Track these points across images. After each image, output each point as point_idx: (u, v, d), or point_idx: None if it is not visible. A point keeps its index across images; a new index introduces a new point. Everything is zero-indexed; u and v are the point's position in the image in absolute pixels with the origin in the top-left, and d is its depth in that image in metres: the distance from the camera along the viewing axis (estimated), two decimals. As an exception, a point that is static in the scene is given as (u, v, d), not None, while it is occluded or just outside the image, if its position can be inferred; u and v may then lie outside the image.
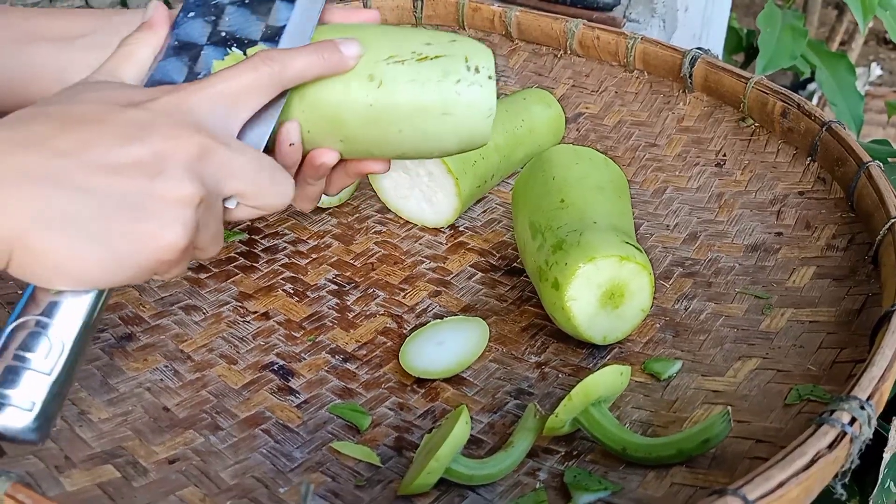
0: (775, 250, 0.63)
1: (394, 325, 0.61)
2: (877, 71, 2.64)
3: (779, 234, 0.64)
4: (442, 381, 0.55)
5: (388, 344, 0.59)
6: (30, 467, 0.45)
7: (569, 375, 0.55)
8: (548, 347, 0.58)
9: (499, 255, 0.68)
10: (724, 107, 0.76)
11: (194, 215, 0.41)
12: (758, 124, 0.73)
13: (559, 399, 0.48)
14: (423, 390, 0.55)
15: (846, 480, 0.40)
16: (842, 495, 0.40)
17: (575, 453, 0.49)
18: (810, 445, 0.39)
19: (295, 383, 0.55)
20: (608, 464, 0.47)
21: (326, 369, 0.57)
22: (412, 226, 0.72)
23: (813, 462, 0.38)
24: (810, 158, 0.68)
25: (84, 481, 0.45)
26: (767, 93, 0.71)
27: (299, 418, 0.52)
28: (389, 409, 0.53)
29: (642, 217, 0.70)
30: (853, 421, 0.40)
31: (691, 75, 0.78)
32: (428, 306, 0.63)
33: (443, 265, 0.67)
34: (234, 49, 0.49)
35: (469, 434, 0.47)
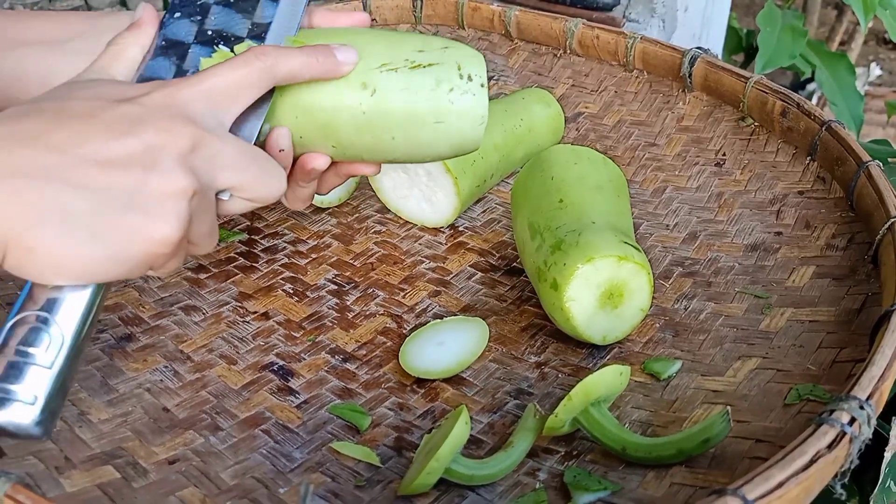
0: (775, 250, 0.63)
1: (393, 325, 0.61)
2: (877, 71, 2.64)
3: (778, 233, 0.64)
4: (442, 381, 0.55)
5: (387, 344, 0.59)
6: (30, 468, 0.45)
7: (568, 375, 0.55)
8: (547, 347, 0.58)
9: (498, 255, 0.68)
10: (724, 106, 0.76)
11: (188, 208, 0.41)
12: (757, 124, 0.73)
13: (559, 399, 0.48)
14: (423, 390, 0.55)
15: (846, 480, 0.40)
16: (841, 495, 0.40)
17: (575, 453, 0.49)
18: (810, 445, 0.39)
19: (295, 383, 0.55)
20: (608, 464, 0.47)
21: (326, 369, 0.57)
22: (412, 226, 0.72)
23: (812, 462, 0.38)
24: (810, 158, 0.68)
25: (84, 482, 0.45)
26: (767, 92, 0.71)
27: (299, 418, 0.52)
28: (389, 409, 0.53)
29: (642, 217, 0.70)
30: (853, 421, 0.40)
31: (691, 75, 0.78)
32: (428, 306, 0.63)
33: (442, 265, 0.67)
34: (222, 46, 0.49)
35: (469, 434, 0.47)
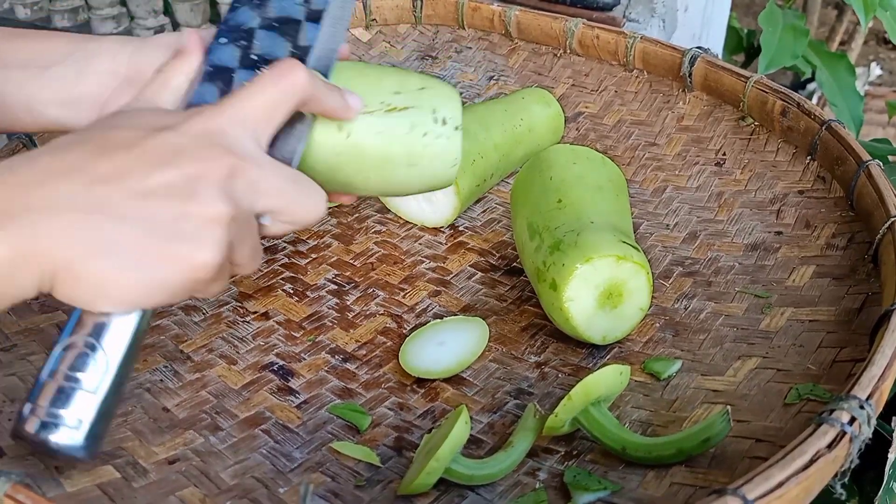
0: (775, 249, 0.63)
1: (394, 325, 0.61)
2: (877, 71, 2.64)
3: (778, 233, 0.64)
4: (442, 381, 0.55)
5: (387, 344, 0.59)
6: (30, 468, 0.45)
7: (568, 375, 0.55)
8: (547, 347, 0.58)
9: (498, 255, 0.68)
10: (724, 106, 0.76)
11: (226, 234, 0.41)
12: (757, 123, 0.73)
13: (559, 399, 0.48)
14: (423, 390, 0.55)
15: (846, 480, 0.40)
16: (841, 495, 0.40)
17: (575, 453, 0.49)
18: (810, 445, 0.39)
19: (295, 383, 0.55)
20: (608, 463, 0.47)
21: (326, 369, 0.57)
22: (412, 225, 0.72)
23: (812, 461, 0.38)
24: (810, 157, 0.68)
25: (84, 482, 0.45)
26: (767, 92, 0.71)
27: (299, 418, 0.52)
28: (389, 409, 0.53)
29: (642, 216, 0.70)
30: (853, 420, 0.40)
31: (691, 74, 0.78)
32: (428, 306, 0.63)
33: (442, 265, 0.67)
34: (264, 69, 0.49)
35: (469, 434, 0.47)
